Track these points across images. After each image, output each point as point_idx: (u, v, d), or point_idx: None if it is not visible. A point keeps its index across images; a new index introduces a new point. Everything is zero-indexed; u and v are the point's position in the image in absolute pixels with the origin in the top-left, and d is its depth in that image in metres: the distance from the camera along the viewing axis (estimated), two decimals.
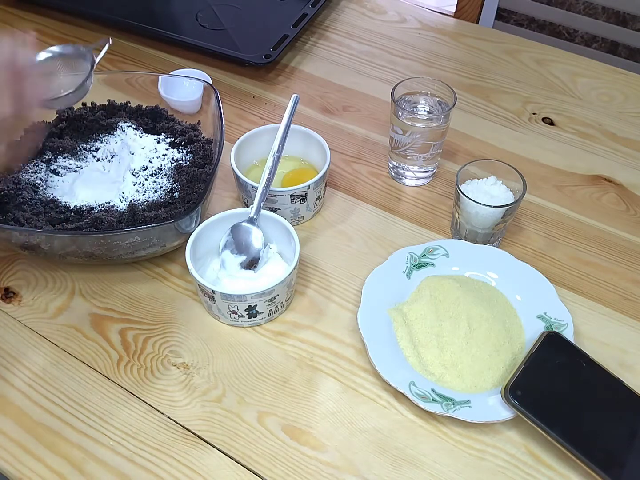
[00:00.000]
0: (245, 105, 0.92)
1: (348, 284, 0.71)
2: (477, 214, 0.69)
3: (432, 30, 1.05)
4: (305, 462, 0.58)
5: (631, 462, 0.56)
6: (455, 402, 0.60)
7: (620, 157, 0.86)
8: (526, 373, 0.60)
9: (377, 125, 0.89)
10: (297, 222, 0.77)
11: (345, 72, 0.98)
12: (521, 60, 1.00)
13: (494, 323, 0.65)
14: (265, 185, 0.69)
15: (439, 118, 0.75)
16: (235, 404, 0.62)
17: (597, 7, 1.20)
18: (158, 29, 0.99)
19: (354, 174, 0.83)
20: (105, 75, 0.83)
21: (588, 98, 0.94)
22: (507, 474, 0.58)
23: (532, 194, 0.81)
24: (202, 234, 0.68)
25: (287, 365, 0.65)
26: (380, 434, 0.60)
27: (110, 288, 0.71)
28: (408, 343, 0.64)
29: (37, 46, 0.64)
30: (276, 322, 0.68)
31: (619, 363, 0.65)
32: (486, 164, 0.73)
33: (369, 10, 1.09)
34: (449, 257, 0.71)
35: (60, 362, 0.65)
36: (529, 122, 0.90)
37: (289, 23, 1.00)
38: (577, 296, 0.71)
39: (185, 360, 0.65)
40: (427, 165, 0.80)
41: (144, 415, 0.61)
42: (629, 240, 0.76)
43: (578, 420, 0.58)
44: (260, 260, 0.68)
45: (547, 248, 0.75)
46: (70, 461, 0.58)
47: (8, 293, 0.70)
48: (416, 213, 0.79)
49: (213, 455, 0.59)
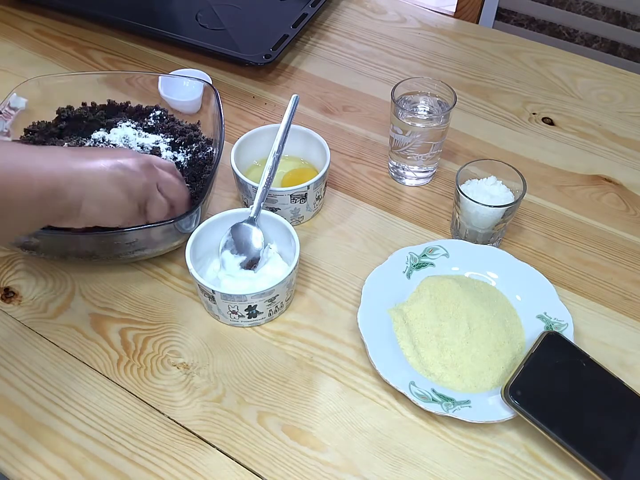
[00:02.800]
0: (245, 105, 0.92)
1: (348, 284, 0.71)
2: (477, 214, 0.69)
3: (432, 30, 1.05)
4: (305, 462, 0.58)
5: (631, 462, 0.56)
6: (455, 402, 0.60)
7: (620, 157, 0.86)
8: (526, 373, 0.60)
9: (377, 125, 0.89)
10: (297, 222, 0.77)
11: (345, 72, 0.98)
12: (521, 60, 1.00)
13: (494, 323, 0.65)
14: (265, 185, 0.69)
15: (439, 118, 0.75)
16: (235, 404, 0.62)
17: (597, 7, 1.20)
18: (158, 29, 0.99)
19: (354, 174, 0.83)
20: (105, 75, 0.83)
21: (588, 98, 0.94)
22: (507, 474, 0.58)
23: (532, 194, 0.81)
24: (202, 234, 0.68)
25: (287, 365, 0.65)
26: (380, 434, 0.60)
27: (110, 288, 0.71)
28: (408, 343, 0.64)
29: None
30: (276, 322, 0.68)
31: (619, 363, 0.65)
32: (486, 164, 0.73)
33: (369, 10, 1.09)
34: (449, 257, 0.71)
35: (60, 362, 0.65)
36: (529, 122, 0.90)
37: (289, 23, 1.00)
38: (577, 296, 0.71)
39: (185, 360, 0.65)
40: (427, 165, 0.80)
41: (144, 415, 0.61)
42: (629, 240, 0.76)
43: (578, 420, 0.58)
44: (260, 260, 0.68)
45: (547, 248, 0.75)
46: (70, 461, 0.58)
47: (8, 293, 0.70)
48: (416, 213, 0.79)
49: (213, 455, 0.59)
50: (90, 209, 0.58)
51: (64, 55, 0.99)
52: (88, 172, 0.57)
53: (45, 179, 0.54)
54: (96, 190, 0.58)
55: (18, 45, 1.01)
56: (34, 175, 0.53)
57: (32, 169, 0.54)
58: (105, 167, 0.59)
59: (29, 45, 1.01)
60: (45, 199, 0.54)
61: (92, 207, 0.58)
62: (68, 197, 0.56)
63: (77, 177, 0.56)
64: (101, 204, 0.59)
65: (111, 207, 0.60)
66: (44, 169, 0.54)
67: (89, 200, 0.57)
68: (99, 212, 0.59)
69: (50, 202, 0.55)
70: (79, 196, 0.57)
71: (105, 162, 0.59)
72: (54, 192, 0.55)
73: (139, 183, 0.61)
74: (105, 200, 0.59)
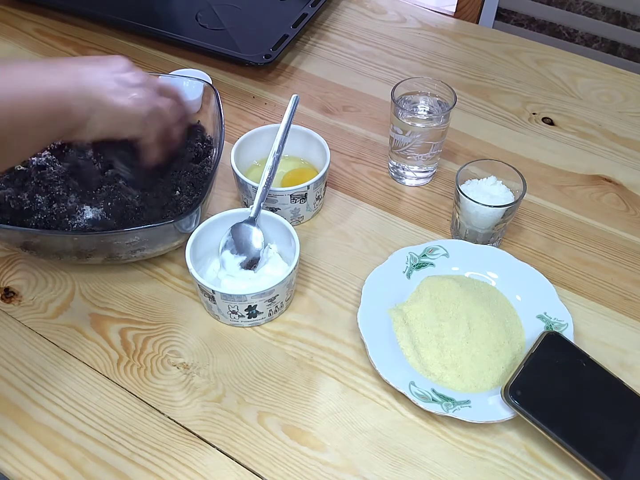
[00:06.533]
0: (245, 105, 0.92)
1: (348, 284, 0.71)
2: (477, 214, 0.69)
3: (432, 30, 1.05)
4: (305, 462, 0.58)
5: (631, 462, 0.56)
6: (455, 402, 0.60)
7: (620, 157, 0.86)
8: (526, 373, 0.60)
9: (377, 125, 0.89)
10: (297, 222, 0.77)
11: (345, 72, 0.98)
12: (521, 60, 1.00)
13: (494, 323, 0.65)
14: (265, 185, 0.69)
15: (439, 118, 0.75)
16: (235, 404, 0.62)
17: (597, 7, 1.20)
18: (158, 29, 0.99)
19: (354, 174, 0.83)
20: None
21: (588, 98, 0.94)
22: (507, 474, 0.58)
23: (532, 194, 0.81)
24: (202, 234, 0.68)
25: (287, 365, 0.65)
26: (380, 434, 0.60)
27: (110, 288, 0.71)
28: (408, 343, 0.64)
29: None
30: (276, 322, 0.68)
31: (619, 363, 0.65)
32: (486, 164, 0.73)
33: (369, 10, 1.09)
34: (449, 257, 0.71)
35: (60, 362, 0.65)
36: (529, 122, 0.90)
37: (289, 23, 1.00)
38: (577, 296, 0.71)
39: (185, 360, 0.65)
40: (427, 165, 0.80)
41: (144, 415, 0.61)
42: (629, 240, 0.76)
43: (578, 420, 0.58)
44: (260, 261, 0.68)
45: (547, 248, 0.75)
46: (70, 461, 0.58)
47: (8, 293, 0.70)
48: (416, 213, 0.79)
49: (213, 455, 0.59)
50: (99, 122, 0.59)
51: (64, 56, 0.99)
52: (95, 86, 0.58)
53: (54, 98, 0.55)
54: (103, 102, 0.58)
55: (18, 45, 1.01)
56: (44, 95, 0.54)
57: (42, 89, 0.54)
58: (111, 79, 0.59)
59: (29, 45, 1.01)
60: (55, 117, 0.55)
61: (100, 119, 0.59)
62: (77, 113, 0.56)
63: (83, 92, 0.57)
64: (109, 115, 0.59)
65: (120, 117, 0.61)
66: (53, 88, 0.55)
67: (97, 113, 0.58)
68: (108, 125, 0.60)
69: (60, 119, 0.56)
70: (87, 111, 0.57)
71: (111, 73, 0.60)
72: (64, 109, 0.55)
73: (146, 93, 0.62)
74: (113, 111, 0.59)
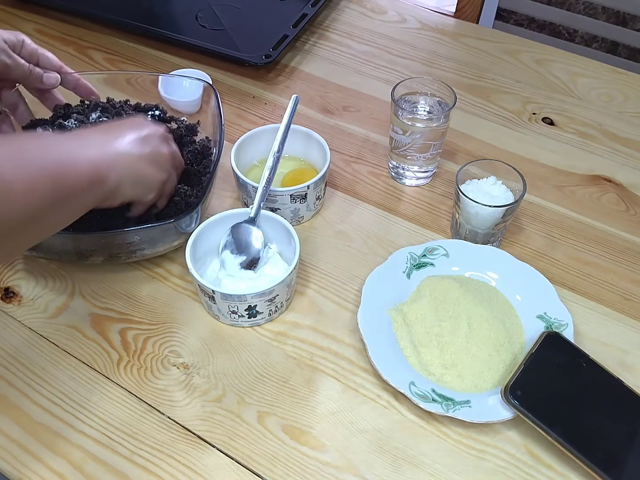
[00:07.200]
0: (245, 105, 0.92)
1: (348, 284, 0.71)
2: (477, 214, 0.69)
3: (432, 30, 1.05)
4: (305, 462, 0.58)
5: (631, 462, 0.56)
6: (455, 402, 0.60)
7: (620, 157, 0.86)
8: (526, 373, 0.60)
9: (377, 125, 0.89)
10: (297, 222, 0.77)
11: (345, 72, 0.98)
12: (521, 60, 1.00)
13: (494, 323, 0.65)
14: (265, 185, 0.69)
15: (439, 118, 0.75)
16: (235, 404, 0.62)
17: (597, 7, 1.20)
18: (158, 29, 0.99)
19: (354, 174, 0.83)
20: (105, 75, 0.83)
21: (588, 98, 0.94)
22: (507, 474, 0.58)
23: (532, 194, 0.81)
24: (202, 234, 0.68)
25: (287, 365, 0.65)
26: (380, 434, 0.60)
27: (110, 288, 0.71)
28: (408, 343, 0.64)
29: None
30: (276, 322, 0.68)
31: (619, 363, 0.65)
32: (486, 164, 0.73)
33: (369, 10, 1.09)
34: (449, 257, 0.71)
35: (60, 362, 0.65)
36: (529, 122, 0.90)
37: (289, 23, 1.00)
38: (577, 296, 0.71)
39: (185, 360, 0.65)
40: (427, 165, 0.80)
41: (144, 415, 0.61)
42: (629, 240, 0.76)
43: (578, 420, 0.58)
44: (260, 261, 0.68)
45: (547, 248, 0.75)
46: (70, 461, 0.58)
47: (8, 293, 0.70)
48: (416, 213, 0.79)
49: (213, 455, 0.59)
50: (127, 189, 0.61)
51: (64, 55, 0.99)
52: (124, 154, 0.60)
53: (91, 167, 0.56)
54: (131, 171, 0.61)
55: None
56: (82, 164, 0.55)
57: (80, 159, 0.56)
58: (136, 146, 0.61)
59: None
60: (93, 186, 0.57)
61: (129, 186, 0.61)
62: (110, 181, 0.58)
63: (115, 162, 0.59)
64: (136, 182, 0.62)
65: (145, 184, 0.63)
66: (88, 157, 0.56)
67: (126, 180, 0.60)
68: (134, 191, 0.62)
69: (97, 188, 0.57)
70: (118, 179, 0.59)
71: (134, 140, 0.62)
72: (100, 178, 0.57)
73: (165, 156, 0.65)
74: (139, 179, 0.62)
